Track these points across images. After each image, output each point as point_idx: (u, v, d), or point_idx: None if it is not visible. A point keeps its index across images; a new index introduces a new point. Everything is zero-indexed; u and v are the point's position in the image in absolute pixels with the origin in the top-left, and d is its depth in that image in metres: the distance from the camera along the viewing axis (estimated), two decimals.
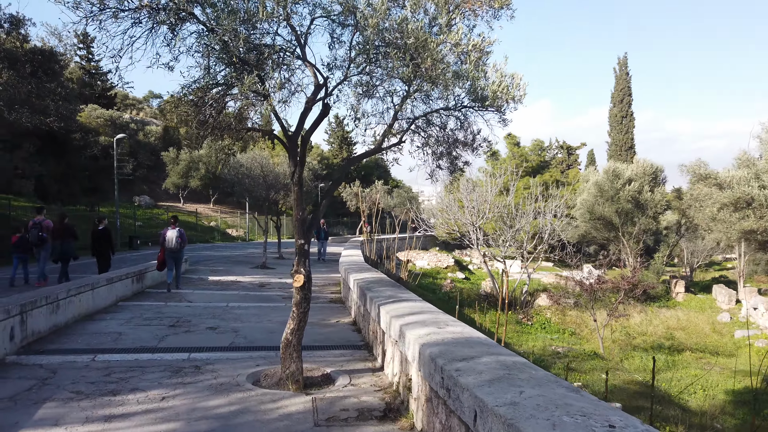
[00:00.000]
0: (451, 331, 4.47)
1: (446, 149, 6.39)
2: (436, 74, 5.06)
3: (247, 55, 4.51)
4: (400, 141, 6.44)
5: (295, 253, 5.65)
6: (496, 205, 24.13)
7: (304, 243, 5.59)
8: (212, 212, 52.05)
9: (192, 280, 15.17)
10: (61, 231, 13.08)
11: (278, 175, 19.34)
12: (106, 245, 13.61)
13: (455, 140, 6.42)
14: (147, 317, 9.28)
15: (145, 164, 49.44)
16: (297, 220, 5.61)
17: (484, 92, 5.70)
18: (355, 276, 9.44)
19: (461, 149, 6.46)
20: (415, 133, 6.50)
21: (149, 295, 12.03)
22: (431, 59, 4.99)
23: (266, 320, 9.31)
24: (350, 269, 10.81)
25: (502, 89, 5.68)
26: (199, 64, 4.65)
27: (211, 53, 4.61)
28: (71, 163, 27.90)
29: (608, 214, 32.36)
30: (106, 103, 54.98)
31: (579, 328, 23.34)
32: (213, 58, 4.64)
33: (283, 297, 12.44)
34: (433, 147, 6.44)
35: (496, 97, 5.60)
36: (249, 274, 17.08)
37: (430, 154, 6.67)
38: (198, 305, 10.83)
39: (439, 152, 6.53)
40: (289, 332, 5.52)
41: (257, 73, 4.42)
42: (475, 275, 36.52)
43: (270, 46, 4.70)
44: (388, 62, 5.02)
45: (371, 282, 8.44)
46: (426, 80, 5.22)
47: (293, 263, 5.65)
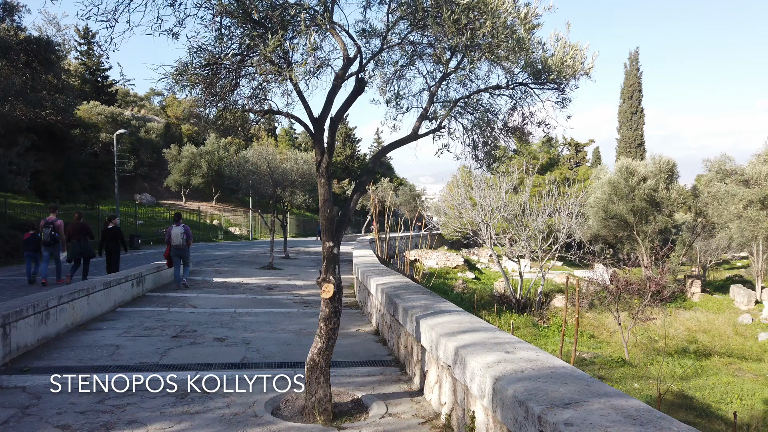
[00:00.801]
0: (525, 358, 3.58)
1: (493, 135, 5.49)
2: (498, 42, 4.16)
3: (269, 13, 3.61)
4: (440, 127, 5.55)
5: (323, 257, 4.77)
6: (511, 203, 23.22)
7: (333, 246, 4.71)
8: (215, 210, 51.19)
9: (196, 282, 14.30)
10: (77, 230, 12.95)
11: (285, 171, 18.47)
12: (117, 244, 13.58)
13: (504, 125, 5.52)
14: (148, 326, 8.40)
15: (147, 161, 48.64)
16: (325, 218, 4.72)
17: (544, 65, 4.80)
18: (377, 280, 8.55)
19: (509, 136, 5.57)
20: (453, 118, 5.61)
21: (150, 300, 11.16)
22: (491, 23, 4.10)
23: (279, 329, 8.43)
24: (368, 272, 9.93)
25: (566, 61, 4.78)
26: (210, 25, 3.75)
27: (225, 12, 3.71)
28: (71, 159, 27.05)
29: (623, 212, 31.41)
30: (107, 99, 54.17)
31: (597, 331, 22.44)
32: (227, 19, 3.74)
33: (295, 302, 11.57)
34: (477, 133, 5.54)
35: (560, 70, 4.70)
36: (255, 276, 16.20)
37: (470, 142, 5.78)
38: (203, 311, 9.95)
39: (484, 140, 5.64)
40: (315, 352, 4.64)
41: (282, 34, 3.52)
42: (484, 275, 35.63)
43: (297, 4, 3.80)
44: (439, 26, 4.11)
45: (398, 288, 7.56)
46: (483, 51, 4.32)
47: (319, 270, 4.78)
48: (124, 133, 29.33)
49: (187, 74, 3.78)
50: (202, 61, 3.84)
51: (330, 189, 4.77)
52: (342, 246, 20.12)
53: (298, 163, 19.29)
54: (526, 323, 21.32)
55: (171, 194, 51.51)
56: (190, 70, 3.79)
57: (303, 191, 20.79)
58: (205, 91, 4.08)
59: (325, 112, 4.68)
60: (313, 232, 58.54)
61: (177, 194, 51.61)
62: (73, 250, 12.93)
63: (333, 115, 4.68)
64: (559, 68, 4.64)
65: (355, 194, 5.03)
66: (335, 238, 4.73)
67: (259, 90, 4.81)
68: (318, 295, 13.07)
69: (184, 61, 3.80)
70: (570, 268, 41.21)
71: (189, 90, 4.00)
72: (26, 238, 13.10)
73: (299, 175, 19.17)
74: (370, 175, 5.14)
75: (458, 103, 5.31)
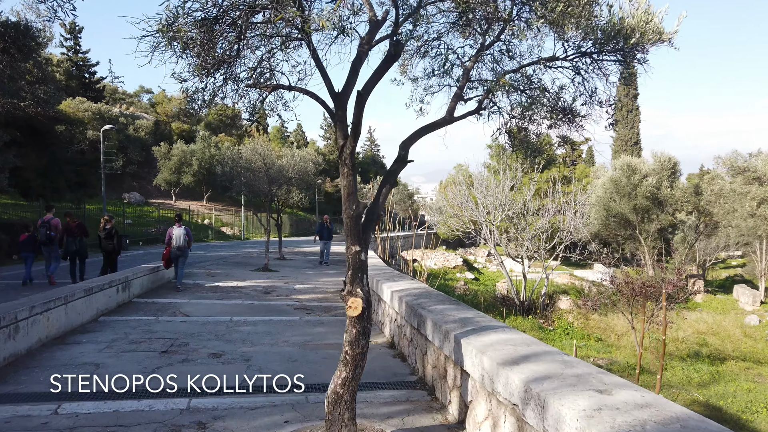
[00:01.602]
0: (632, 402, 2.70)
1: (547, 117, 4.62)
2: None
3: None
4: (480, 108, 4.67)
5: (348, 265, 3.87)
6: (516, 201, 22.40)
7: (360, 251, 3.81)
8: (206, 210, 50.04)
9: (187, 286, 13.34)
10: (74, 228, 12.88)
11: (282, 168, 17.52)
12: (114, 245, 13.45)
13: (557, 105, 4.66)
14: (134, 339, 7.45)
15: (136, 160, 47.41)
16: (349, 216, 3.83)
17: (614, 29, 3.93)
18: (390, 286, 7.67)
19: (565, 118, 4.70)
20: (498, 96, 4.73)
21: (137, 307, 10.19)
22: None
23: (281, 341, 7.52)
24: (378, 276, 9.04)
25: (640, 23, 3.92)
26: None
27: None
28: (55, 156, 25.88)
29: (624, 211, 30.74)
30: (95, 96, 52.81)
31: (604, 334, 21.69)
32: None
33: (295, 308, 10.65)
34: (526, 114, 4.67)
35: (639, 33, 3.83)
36: (251, 278, 15.25)
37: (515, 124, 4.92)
38: (196, 320, 9.01)
39: (533, 122, 4.77)
40: (339, 383, 3.74)
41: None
42: (483, 275, 34.85)
43: None
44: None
45: (418, 296, 6.68)
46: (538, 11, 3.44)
47: (344, 281, 3.87)
48: (111, 128, 28.21)
49: (177, 25, 2.87)
50: (197, 3, 2.92)
51: (355, 181, 3.88)
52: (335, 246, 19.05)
53: (295, 159, 18.34)
54: (531, 326, 20.53)
55: (160, 193, 50.29)
56: (181, 20, 2.87)
57: (299, 189, 19.84)
58: (201, 53, 3.17)
59: (348, 85, 3.78)
60: (306, 232, 57.53)
61: (167, 193, 50.41)
62: (67, 248, 12.80)
63: (360, 89, 3.78)
64: (638, 30, 3.77)
65: (384, 187, 4.15)
66: (362, 241, 3.83)
67: (266, 60, 3.91)
68: (320, 300, 12.17)
69: (174, 5, 2.88)
70: (568, 268, 40.53)
71: (180, 50, 3.08)
72: (23, 239, 13.03)
73: (296, 173, 18.23)
74: (402, 164, 4.25)
75: (505, 78, 4.42)
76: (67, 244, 12.79)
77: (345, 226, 3.88)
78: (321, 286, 14.29)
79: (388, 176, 4.20)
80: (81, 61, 55.44)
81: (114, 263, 13.39)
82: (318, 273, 17.75)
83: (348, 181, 3.84)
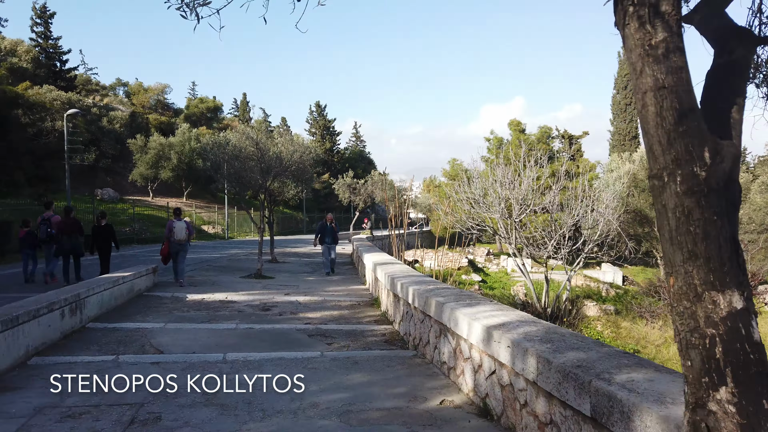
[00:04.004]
0: None
1: None
2: None
3: None
4: None
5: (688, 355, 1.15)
6: (542, 196, 19.88)
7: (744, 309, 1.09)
8: (186, 207, 46.75)
9: (163, 301, 10.53)
10: (68, 226, 12.76)
11: (279, 156, 14.71)
12: (108, 243, 13.40)
13: None
14: (70, 408, 4.64)
15: (109, 153, 43.99)
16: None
17: None
18: (485, 322, 4.99)
19: None
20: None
21: (91, 338, 7.35)
22: None
23: (309, 405, 4.79)
24: (446, 301, 6.35)
25: None
26: None
27: None
28: (14, 146, 22.72)
29: (643, 206, 28.50)
30: (65, 86, 49.14)
31: (639, 344, 19.33)
32: None
33: (309, 334, 7.93)
34: None
35: None
36: (242, 289, 12.45)
37: None
38: (174, 360, 6.23)
39: None
40: None
41: None
42: (490, 277, 32.36)
43: None
44: None
45: (547, 339, 4.01)
46: None
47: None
48: (77, 113, 25.01)
49: None
50: None
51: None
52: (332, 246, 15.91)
53: (295, 146, 15.53)
54: None
55: (137, 189, 46.92)
56: None
57: (296, 183, 17.07)
58: None
59: None
60: (293, 230, 54.53)
61: (143, 189, 47.07)
62: (62, 246, 12.66)
63: None
64: None
65: None
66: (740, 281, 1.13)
67: None
68: (337, 320, 9.38)
69: None
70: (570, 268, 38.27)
71: None
72: (22, 236, 13.04)
73: (294, 162, 15.39)
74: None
75: None
76: (61, 242, 12.60)
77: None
78: (330, 298, 11.57)
79: None
80: (51, 48, 51.69)
81: (106, 263, 13.29)
82: (321, 279, 15.03)
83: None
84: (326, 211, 72.69)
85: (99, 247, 13.20)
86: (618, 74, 58.10)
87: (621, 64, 57.80)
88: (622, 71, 57.59)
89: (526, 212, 19.66)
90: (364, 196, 37.95)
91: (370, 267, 11.98)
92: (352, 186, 38.02)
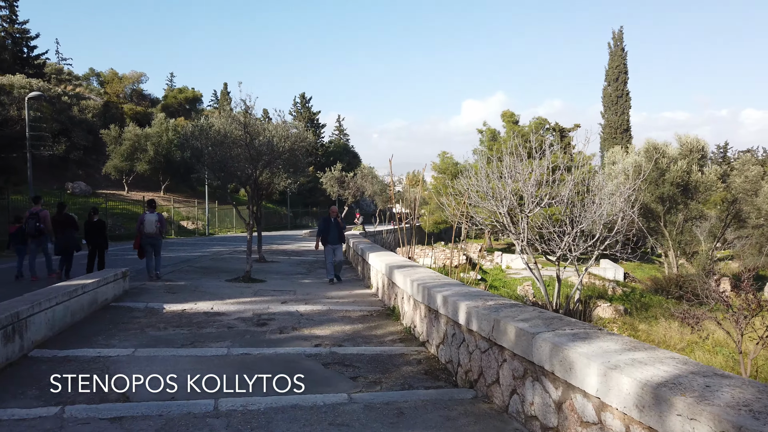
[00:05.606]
0: None
1: None
2: None
3: None
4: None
5: None
6: (555, 190, 18.24)
7: None
8: (163, 201, 44.37)
9: (134, 314, 8.61)
10: (62, 222, 12.56)
11: (271, 142, 12.79)
12: (103, 238, 13.25)
13: None
14: None
15: (81, 144, 41.31)
16: None
17: None
18: (601, 357, 3.24)
19: None
20: None
21: (31, 374, 5.44)
22: None
23: None
24: (528, 326, 4.61)
25: None
26: None
27: None
28: None
29: (649, 200, 27.14)
30: (34, 73, 46.25)
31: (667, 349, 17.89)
32: None
33: (324, 363, 6.11)
34: None
35: None
36: (230, 296, 10.55)
37: None
38: (143, 416, 4.37)
39: None
40: None
41: None
42: (489, 275, 30.82)
43: None
44: None
45: None
46: None
47: None
48: (40, 96, 22.68)
49: None
50: None
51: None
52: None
53: (288, 131, 13.62)
54: None
55: (111, 183, 44.38)
56: None
57: (288, 172, 15.18)
58: None
59: None
60: (277, 226, 52.40)
61: (118, 182, 44.54)
62: (58, 243, 12.47)
63: None
64: None
65: None
66: None
67: None
68: (352, 338, 7.53)
69: None
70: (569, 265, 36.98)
71: None
72: (12, 231, 12.90)
73: (288, 150, 13.48)
74: None
75: None
76: (57, 240, 12.44)
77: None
78: (335, 307, 9.75)
79: None
80: (18, 33, 48.65)
81: (99, 260, 13.12)
82: (318, 283, 13.18)
83: None
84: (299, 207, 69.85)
85: (93, 243, 13.06)
86: (608, 66, 56.94)
87: (611, 55, 56.68)
88: (613, 63, 56.48)
89: (540, 206, 18.04)
90: (354, 189, 36.09)
91: (383, 270, 10.19)
92: (340, 179, 36.10)
